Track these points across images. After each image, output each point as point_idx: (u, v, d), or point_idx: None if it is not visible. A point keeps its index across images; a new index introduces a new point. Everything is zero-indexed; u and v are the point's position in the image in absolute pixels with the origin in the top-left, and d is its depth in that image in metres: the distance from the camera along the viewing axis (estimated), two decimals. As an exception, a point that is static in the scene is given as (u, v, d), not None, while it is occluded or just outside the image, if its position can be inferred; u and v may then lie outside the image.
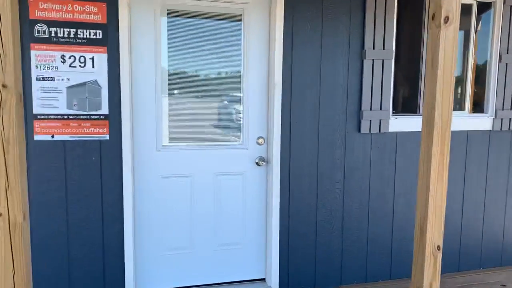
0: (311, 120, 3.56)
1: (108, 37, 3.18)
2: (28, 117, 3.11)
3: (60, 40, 3.11)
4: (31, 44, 3.07)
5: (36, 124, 3.12)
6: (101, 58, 3.18)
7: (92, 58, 3.17)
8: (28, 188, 3.15)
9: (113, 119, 3.24)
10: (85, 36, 3.15)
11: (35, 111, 3.11)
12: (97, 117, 3.22)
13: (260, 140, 3.53)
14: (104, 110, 3.23)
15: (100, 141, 3.24)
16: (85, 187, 3.23)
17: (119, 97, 3.23)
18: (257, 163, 3.52)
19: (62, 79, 3.14)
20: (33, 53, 3.07)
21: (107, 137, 3.25)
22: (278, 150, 3.48)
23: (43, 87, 3.11)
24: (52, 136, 3.16)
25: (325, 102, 3.58)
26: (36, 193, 3.16)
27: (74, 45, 3.14)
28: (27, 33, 3.05)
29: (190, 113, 3.45)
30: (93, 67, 3.18)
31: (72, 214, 3.22)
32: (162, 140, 3.42)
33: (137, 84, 3.32)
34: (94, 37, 3.16)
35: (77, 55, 3.14)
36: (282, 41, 3.40)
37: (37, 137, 3.13)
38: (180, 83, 3.41)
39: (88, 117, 3.20)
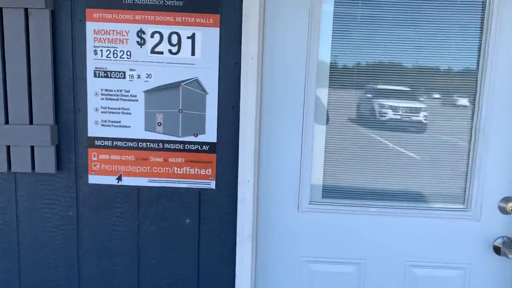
0: None
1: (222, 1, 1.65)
2: (79, 142, 1.74)
3: (137, 2, 1.65)
4: (87, 10, 1.66)
5: (93, 155, 1.73)
6: (208, 36, 1.66)
7: (192, 37, 1.66)
8: (78, 263, 1.80)
9: (224, 151, 1.73)
10: (181, -5, 1.65)
11: (91, 132, 1.72)
12: (196, 147, 1.73)
13: (510, 206, 1.74)
14: (210, 134, 1.72)
15: (199, 190, 1.76)
16: (170, 268, 1.79)
17: (237, 111, 1.69)
18: (497, 250, 1.76)
19: (139, 76, 1.69)
20: (89, 26, 1.66)
21: (211, 184, 1.75)
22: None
23: (106, 90, 1.70)
24: (119, 179, 1.75)
25: None
26: (88, 273, 1.80)
27: (160, 12, 1.65)
28: (81, -11, 1.65)
29: (362, 148, 1.80)
30: (192, 53, 1.67)
31: (146, 316, 1.82)
32: (309, 194, 1.82)
33: (271, 88, 1.74)
34: (198, -5, 1.65)
35: (165, 30, 1.66)
36: None
37: (93, 179, 1.75)
38: (348, 94, 1.77)
39: (182, 146, 1.73)
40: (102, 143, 1.72)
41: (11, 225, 1.78)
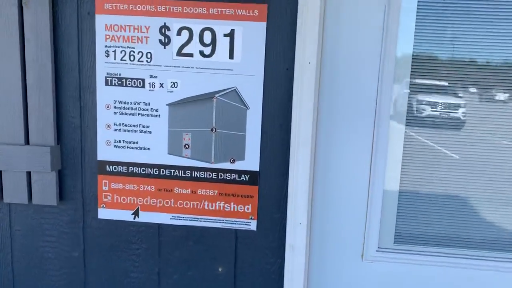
0: None
1: (272, -19, 1.24)
2: (86, 167, 1.37)
3: (160, -12, 1.26)
4: (96, 0, 1.29)
5: (104, 183, 1.37)
6: (252, 34, 1.26)
7: (230, 35, 1.27)
8: (85, 316, 1.45)
9: (269, 183, 1.33)
10: (217, -22, 1.25)
11: (101, 154, 1.36)
12: (233, 177, 1.34)
13: None
14: (251, 161, 1.33)
15: (236, 232, 1.37)
16: (198, 332, 1.42)
17: (287, 131, 1.29)
18: None
19: (161, 85, 1.31)
20: (100, 20, 1.29)
21: (251, 224, 1.36)
22: None
23: (120, 102, 1.33)
24: (135, 214, 1.38)
25: None
26: (97, 331, 1.44)
27: (189, 2, 1.27)
28: (90, -27, 1.29)
29: (450, 179, 1.36)
30: (230, 56, 1.28)
31: None
32: (377, 238, 1.40)
33: (331, 101, 1.33)
34: (239, -21, 1.25)
35: (195, 25, 1.27)
36: None
37: (103, 213, 1.39)
38: (441, 93, 1.33)
39: (215, 175, 1.34)
40: (115, 169, 1.36)
41: (4, 265, 1.45)
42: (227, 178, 1.34)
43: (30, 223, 1.42)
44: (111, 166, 1.36)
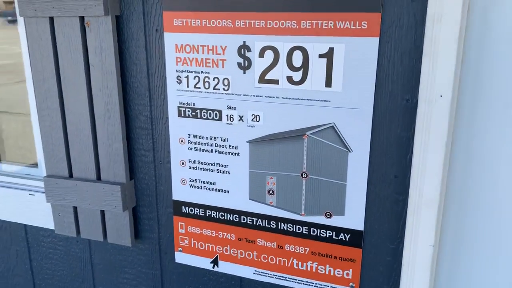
0: None
1: (388, -22, 0.88)
2: (162, 206, 1.20)
3: (238, -4, 0.98)
4: (164, 14, 1.05)
5: (180, 225, 1.19)
6: (357, 54, 0.92)
7: (328, 56, 0.94)
8: None
9: (376, 246, 1.02)
10: (310, -20, 0.92)
11: (176, 194, 1.17)
12: (329, 234, 1.05)
13: None
14: (353, 217, 1.02)
15: (332, 298, 1.10)
16: None
17: (404, 184, 0.94)
18: None
19: (241, 118, 1.05)
20: (169, 39, 1.06)
21: (353, 294, 1.07)
22: None
23: (195, 137, 1.11)
24: (214, 263, 1.18)
25: None
26: None
27: (275, 14, 0.96)
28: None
29: None
30: (327, 83, 0.96)
31: None
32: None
33: (469, 150, 0.94)
34: (341, -20, 0.90)
35: (282, 44, 0.97)
36: None
37: (181, 258, 1.22)
38: None
39: (306, 230, 1.07)
40: (191, 210, 1.16)
41: (88, 297, 1.38)
42: (322, 235, 1.06)
43: (109, 258, 1.31)
44: (187, 208, 1.17)
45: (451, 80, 0.85)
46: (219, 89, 1.05)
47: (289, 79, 0.98)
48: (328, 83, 0.96)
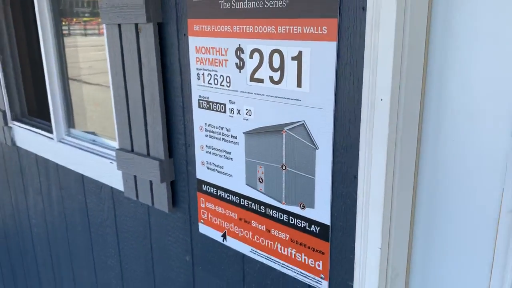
0: None
1: (341, -14, 0.93)
2: (190, 182, 1.43)
3: (235, 6, 1.13)
4: (189, 21, 1.27)
5: (201, 201, 1.40)
6: (320, 56, 0.99)
7: (298, 58, 1.03)
8: (194, 315, 1.56)
9: (343, 243, 1.06)
10: (283, -10, 1.03)
11: (199, 173, 1.38)
12: (303, 224, 1.13)
13: None
14: (321, 211, 1.08)
15: (309, 287, 1.17)
16: None
17: (359, 177, 0.98)
18: None
19: (238, 111, 1.20)
20: (192, 42, 1.28)
21: (322, 285, 1.13)
22: None
23: (209, 125, 1.30)
24: (224, 237, 1.36)
25: None
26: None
27: (259, 20, 1.09)
28: (184, -5, 1.27)
29: None
30: (298, 83, 1.04)
31: None
32: None
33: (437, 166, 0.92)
34: (305, -11, 0.98)
35: (265, 46, 1.09)
36: None
37: (202, 228, 1.43)
38: None
39: (286, 218, 1.17)
40: (208, 189, 1.36)
41: (146, 250, 1.70)
42: (298, 224, 1.14)
43: (159, 222, 1.60)
44: (206, 186, 1.37)
45: (389, 84, 0.86)
46: (223, 86, 1.22)
47: (271, 78, 1.10)
48: (299, 84, 1.04)
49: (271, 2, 1.05)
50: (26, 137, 2.24)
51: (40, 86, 2.17)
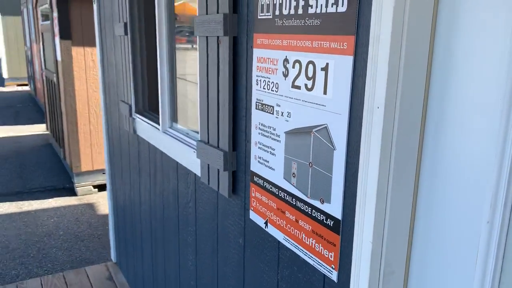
0: None
1: (359, 15, 1.06)
2: (246, 173, 1.65)
3: (285, 22, 1.33)
4: (254, 35, 1.50)
5: (252, 190, 1.61)
6: (340, 68, 1.13)
7: (325, 69, 1.19)
8: (242, 293, 1.76)
9: (352, 238, 1.17)
10: (318, 11, 1.19)
11: (252, 166, 1.60)
12: (322, 218, 1.27)
13: None
14: (335, 206, 1.21)
15: (324, 277, 1.30)
16: None
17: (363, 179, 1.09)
18: None
19: (282, 113, 1.39)
20: (255, 53, 1.51)
21: (333, 275, 1.25)
22: None
23: (262, 125, 1.51)
24: (266, 224, 1.55)
25: None
26: (242, 309, 1.73)
27: (300, 35, 1.27)
28: (247, 11, 1.50)
29: None
30: (324, 91, 1.20)
31: None
32: None
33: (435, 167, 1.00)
34: (333, 10, 1.14)
35: (303, 58, 1.27)
36: None
37: (252, 215, 1.63)
38: None
39: (310, 211, 1.32)
40: (258, 180, 1.56)
41: (213, 234, 1.96)
42: (318, 217, 1.28)
43: (223, 206, 1.85)
44: (256, 177, 1.57)
45: (383, 93, 0.97)
46: (273, 91, 1.42)
47: (306, 86, 1.27)
48: (325, 91, 1.20)
49: (309, 21, 1.23)
50: (143, 127, 2.70)
51: (154, 85, 2.61)
